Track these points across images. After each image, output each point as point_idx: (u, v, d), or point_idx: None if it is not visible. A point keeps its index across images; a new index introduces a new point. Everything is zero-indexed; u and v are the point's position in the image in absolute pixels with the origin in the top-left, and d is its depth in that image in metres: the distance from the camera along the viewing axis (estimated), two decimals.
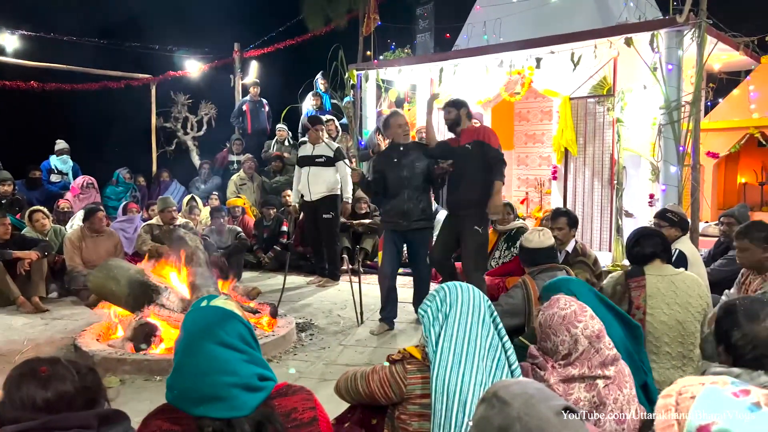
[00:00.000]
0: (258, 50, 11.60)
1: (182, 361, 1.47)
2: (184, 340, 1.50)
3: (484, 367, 2.00)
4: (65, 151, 9.14)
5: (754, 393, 1.07)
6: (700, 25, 6.16)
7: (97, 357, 3.96)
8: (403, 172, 4.83)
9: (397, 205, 4.84)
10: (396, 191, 4.85)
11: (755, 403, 1.04)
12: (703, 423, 1.05)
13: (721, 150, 7.48)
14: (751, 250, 3.36)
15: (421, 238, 4.96)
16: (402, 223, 4.84)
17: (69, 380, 1.45)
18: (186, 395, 1.44)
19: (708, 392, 1.09)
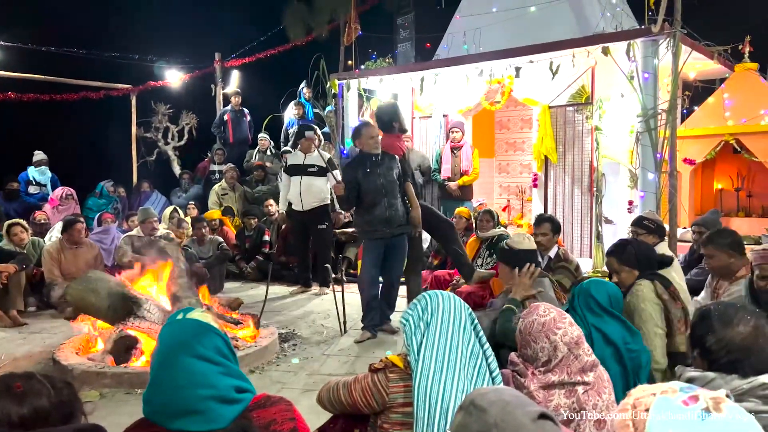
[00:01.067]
0: (239, 60, 11.59)
1: (158, 375, 1.46)
2: (160, 353, 1.49)
3: (465, 375, 2.01)
4: (44, 162, 9.03)
5: (702, 399, 1.10)
6: (675, 34, 6.28)
7: (76, 371, 3.91)
8: (380, 180, 4.90)
9: (380, 213, 4.90)
10: (375, 200, 4.90)
11: (705, 409, 1.08)
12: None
13: (698, 157, 7.61)
14: (717, 256, 3.46)
15: (401, 244, 5.10)
16: (386, 230, 4.93)
17: (45, 395, 1.43)
18: (163, 409, 1.43)
19: (660, 404, 1.12)
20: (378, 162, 4.96)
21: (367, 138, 4.98)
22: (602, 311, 2.65)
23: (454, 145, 7.93)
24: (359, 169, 4.95)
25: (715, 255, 3.46)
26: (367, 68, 9.29)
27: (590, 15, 7.96)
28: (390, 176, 4.97)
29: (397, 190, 5.00)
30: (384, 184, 4.91)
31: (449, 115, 8.65)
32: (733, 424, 1.07)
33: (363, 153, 5.04)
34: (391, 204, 4.94)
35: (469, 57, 8.07)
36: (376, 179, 4.90)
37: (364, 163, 4.96)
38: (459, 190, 7.84)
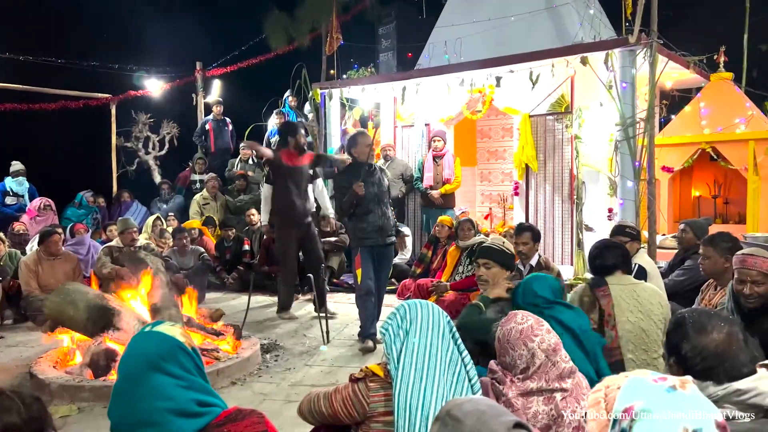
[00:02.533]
0: (221, 69, 11.56)
1: (119, 387, 1.49)
2: (121, 365, 1.52)
3: (445, 382, 2.02)
4: (21, 172, 8.90)
5: (670, 379, 1.22)
6: (652, 45, 6.39)
7: (54, 384, 3.85)
8: (374, 189, 5.02)
9: (374, 221, 5.00)
10: (369, 208, 5.00)
11: (672, 386, 1.20)
12: (627, 405, 1.19)
13: (676, 164, 7.73)
14: (713, 258, 3.45)
15: (389, 253, 5.23)
16: (379, 239, 5.03)
17: (15, 411, 1.39)
18: (123, 420, 1.46)
19: (631, 382, 1.24)
20: (371, 171, 5.08)
21: (363, 146, 5.10)
22: (551, 303, 2.75)
23: (436, 154, 7.97)
24: (354, 177, 5.02)
25: (712, 257, 3.46)
26: (349, 77, 9.32)
27: (569, 25, 8.07)
28: (381, 186, 5.12)
29: (387, 199, 5.16)
30: (377, 193, 5.04)
31: (431, 124, 8.70)
32: (695, 399, 1.19)
33: (357, 162, 5.12)
34: (384, 212, 5.07)
35: (450, 67, 8.13)
36: (370, 188, 5.00)
37: (358, 171, 5.04)
38: (441, 199, 7.88)
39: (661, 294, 3.17)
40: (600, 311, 3.06)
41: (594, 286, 3.15)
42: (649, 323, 2.99)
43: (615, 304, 3.03)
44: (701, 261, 3.58)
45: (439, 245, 6.85)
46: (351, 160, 5.22)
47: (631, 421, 1.18)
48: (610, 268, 3.17)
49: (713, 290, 3.61)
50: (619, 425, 1.19)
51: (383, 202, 5.08)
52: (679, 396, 1.18)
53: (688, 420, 1.14)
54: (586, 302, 3.13)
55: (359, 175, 4.98)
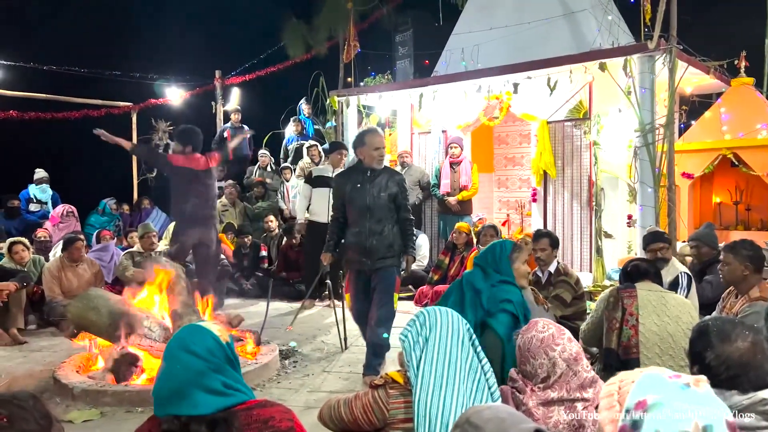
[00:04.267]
0: (239, 77, 11.68)
1: (160, 369, 1.67)
2: (164, 351, 1.70)
3: (464, 390, 2.02)
4: (44, 180, 9.07)
5: (685, 377, 1.25)
6: (671, 50, 6.35)
7: (77, 389, 3.90)
8: (366, 200, 4.14)
9: (359, 241, 4.14)
10: (356, 222, 4.18)
11: (686, 384, 1.23)
12: (641, 398, 1.22)
13: (696, 171, 7.64)
14: (733, 266, 3.41)
15: (386, 279, 4.19)
16: (365, 261, 4.17)
17: (31, 419, 1.41)
18: (158, 397, 1.62)
19: (646, 377, 1.28)
20: (372, 177, 4.18)
21: (371, 148, 4.18)
22: None
23: (453, 161, 7.97)
24: (349, 182, 4.24)
25: (732, 264, 3.42)
26: (367, 85, 9.37)
27: (586, 31, 8.04)
28: (381, 197, 4.14)
29: (387, 215, 4.18)
30: (370, 204, 4.13)
31: (448, 131, 8.71)
32: (708, 397, 1.22)
33: (360, 164, 4.29)
34: (373, 231, 4.11)
35: (467, 73, 8.14)
36: (364, 197, 4.13)
37: (356, 175, 4.24)
38: (458, 205, 7.87)
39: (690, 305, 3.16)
40: (622, 310, 3.06)
41: (621, 288, 3.18)
42: (676, 328, 2.97)
43: (641, 305, 3.03)
44: (721, 267, 3.55)
45: (456, 251, 6.85)
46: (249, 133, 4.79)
47: (644, 413, 1.20)
48: (642, 273, 3.20)
49: (734, 298, 3.57)
50: (630, 416, 1.22)
51: (376, 217, 4.13)
52: (692, 393, 1.21)
53: (699, 416, 1.16)
54: (611, 302, 3.15)
55: (355, 180, 4.20)
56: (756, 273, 3.37)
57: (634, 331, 2.97)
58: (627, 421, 1.23)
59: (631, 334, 2.98)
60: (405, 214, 4.30)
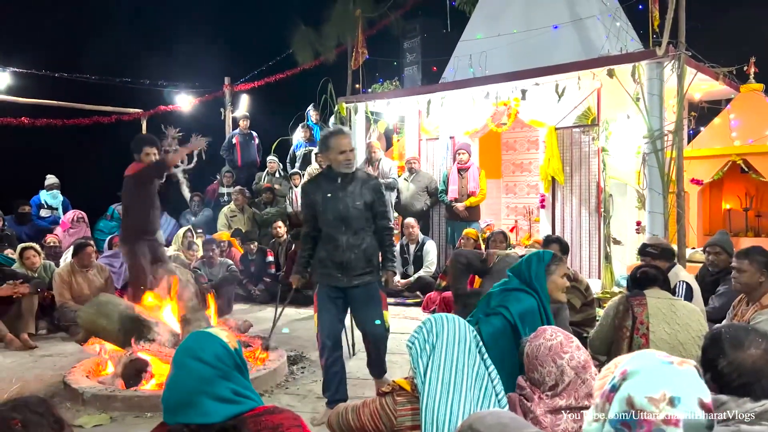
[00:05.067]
0: (248, 84, 11.77)
1: (169, 376, 1.66)
2: (173, 358, 1.71)
3: (471, 397, 2.02)
4: (55, 186, 9.15)
5: (674, 358, 1.34)
6: (680, 56, 6.33)
7: (87, 394, 3.93)
8: (340, 210, 3.70)
9: (335, 256, 3.72)
10: (331, 234, 3.74)
11: (670, 361, 1.32)
12: (624, 369, 1.32)
13: (705, 177, 7.61)
14: (750, 273, 3.38)
15: (366, 295, 3.80)
16: (341, 277, 3.73)
17: (45, 424, 1.42)
18: (167, 405, 1.62)
19: (639, 353, 1.38)
20: (343, 185, 3.74)
21: (336, 152, 3.70)
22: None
23: (461, 167, 7.98)
24: (319, 191, 3.79)
25: (747, 271, 3.39)
26: (374, 91, 9.40)
27: (594, 37, 8.03)
28: (357, 205, 3.72)
29: (365, 225, 3.78)
30: (345, 215, 3.70)
31: (456, 137, 8.71)
32: (686, 374, 1.29)
33: (329, 171, 3.82)
34: (351, 244, 3.71)
35: (475, 80, 8.15)
36: (337, 207, 3.70)
37: (326, 183, 3.79)
38: (466, 211, 7.86)
39: (699, 313, 3.14)
40: (633, 318, 3.05)
41: (630, 296, 3.16)
42: (687, 336, 2.95)
43: (651, 313, 3.01)
44: (734, 275, 3.50)
45: None
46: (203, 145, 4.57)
47: (622, 380, 1.29)
48: (651, 280, 3.17)
49: (745, 305, 3.54)
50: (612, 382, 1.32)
51: (353, 228, 3.71)
52: (672, 369, 1.29)
53: (670, 387, 1.23)
54: (621, 310, 3.13)
55: (326, 189, 3.75)
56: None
57: (645, 339, 2.95)
58: (608, 386, 1.32)
59: (641, 343, 2.97)
60: (383, 223, 3.89)
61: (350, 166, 3.73)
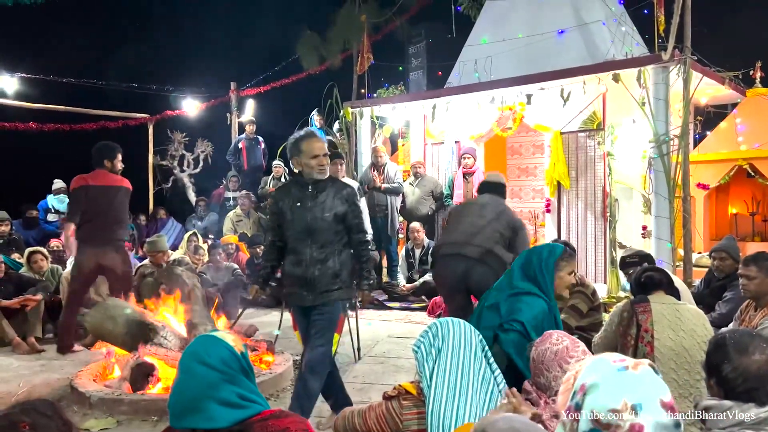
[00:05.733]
0: (254, 89, 11.82)
1: (175, 381, 1.66)
2: (179, 362, 1.70)
3: (477, 401, 2.02)
4: (62, 190, 9.20)
5: (628, 361, 1.36)
6: (685, 61, 6.33)
7: (93, 398, 3.94)
8: (307, 221, 3.37)
9: (299, 271, 3.40)
10: (295, 250, 3.42)
11: (624, 366, 1.34)
12: (582, 382, 1.34)
13: (711, 181, 7.59)
14: (759, 279, 3.35)
15: (326, 315, 3.41)
16: (306, 296, 3.40)
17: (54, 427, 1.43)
18: (173, 410, 1.62)
19: (594, 361, 1.40)
20: (314, 193, 3.42)
21: (308, 156, 3.41)
22: None
23: (466, 171, 7.98)
24: (287, 198, 3.46)
25: (757, 277, 3.36)
26: (380, 96, 9.43)
27: (600, 42, 8.04)
28: (325, 218, 3.38)
29: (333, 239, 3.42)
30: (312, 227, 3.37)
31: (461, 142, 8.73)
32: (639, 377, 1.31)
33: (300, 177, 3.52)
34: (316, 259, 3.37)
35: (480, 84, 8.17)
36: (304, 217, 3.38)
37: (296, 190, 3.48)
38: None
39: (705, 317, 3.12)
40: (637, 326, 3.03)
41: (635, 302, 3.13)
42: (692, 342, 2.93)
43: (655, 320, 2.99)
44: (743, 282, 3.47)
45: None
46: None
47: (583, 396, 1.31)
48: (656, 284, 3.15)
49: (753, 311, 3.52)
50: (575, 399, 1.34)
51: (321, 241, 3.37)
52: (628, 375, 1.31)
53: (630, 395, 1.25)
54: (625, 317, 3.11)
55: (294, 196, 3.44)
56: None
57: (650, 348, 2.93)
58: (572, 404, 1.34)
59: (646, 351, 2.95)
60: (358, 237, 3.53)
61: (323, 171, 3.43)
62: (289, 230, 3.43)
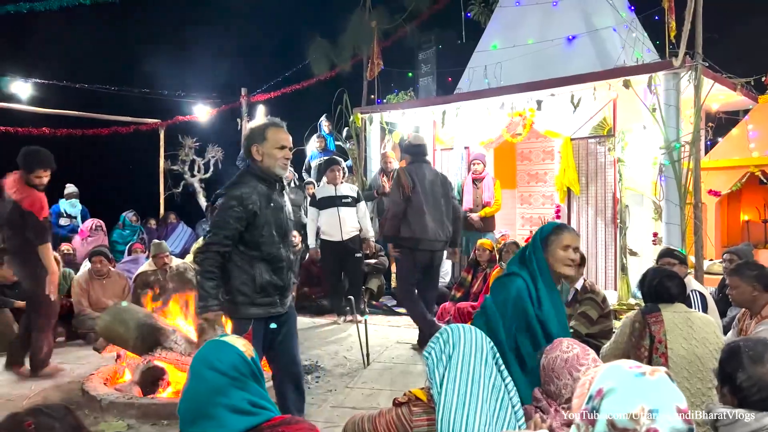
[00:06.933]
0: (264, 94, 11.88)
1: (185, 387, 1.67)
2: (190, 367, 1.70)
3: (488, 408, 2.02)
4: (74, 195, 9.29)
5: (644, 367, 1.38)
6: (697, 67, 6.30)
7: (104, 401, 3.97)
8: (282, 220, 3.13)
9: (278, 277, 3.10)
10: (273, 255, 3.07)
11: (641, 373, 1.35)
12: (599, 387, 1.36)
13: (723, 188, 7.54)
14: (741, 288, 3.38)
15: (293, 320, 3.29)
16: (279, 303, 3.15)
17: (58, 428, 1.44)
18: (184, 416, 1.62)
19: (610, 367, 1.42)
20: (281, 191, 3.20)
21: (274, 146, 3.08)
22: None
23: (475, 177, 7.97)
24: (259, 198, 3.02)
25: (739, 286, 3.39)
26: (389, 102, 9.44)
27: (610, 48, 8.02)
28: (291, 216, 3.25)
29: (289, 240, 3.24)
30: (286, 226, 3.16)
31: (470, 147, 8.72)
32: (656, 384, 1.32)
33: (266, 172, 3.09)
34: (291, 262, 3.20)
35: (490, 90, 8.17)
36: (279, 216, 3.11)
37: (266, 187, 3.08)
38: (481, 222, 7.85)
39: (715, 324, 3.10)
40: (651, 337, 3.00)
41: (646, 313, 3.09)
42: (704, 350, 2.91)
43: (668, 330, 2.97)
44: (729, 292, 3.52)
45: (479, 269, 6.82)
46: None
47: (600, 400, 1.33)
48: (673, 297, 3.10)
49: (749, 319, 3.52)
50: (591, 403, 1.36)
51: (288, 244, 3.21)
52: (645, 381, 1.33)
53: (647, 401, 1.27)
54: (638, 328, 3.07)
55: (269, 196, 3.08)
56: (765, 292, 3.33)
57: (664, 359, 2.91)
58: (588, 407, 1.36)
59: (661, 362, 2.92)
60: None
61: (286, 167, 3.13)
62: (264, 233, 3.01)
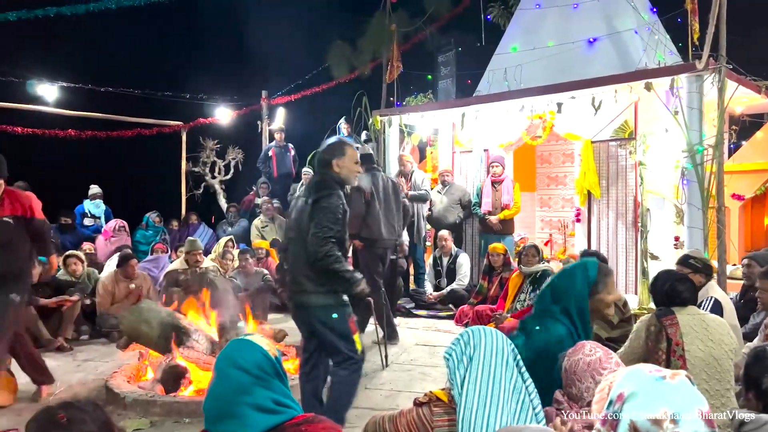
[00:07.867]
0: (285, 97, 11.99)
1: (210, 385, 1.69)
2: (215, 365, 1.72)
3: (509, 410, 2.02)
4: (98, 195, 9.45)
5: (664, 371, 1.38)
6: (720, 70, 6.22)
7: (128, 398, 4.04)
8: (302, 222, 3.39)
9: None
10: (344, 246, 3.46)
11: (662, 377, 1.35)
12: (620, 391, 1.37)
13: (747, 192, 7.44)
14: None
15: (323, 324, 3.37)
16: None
17: (89, 421, 1.48)
18: (209, 414, 1.64)
19: (630, 371, 1.42)
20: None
21: (352, 161, 3.50)
22: None
23: (494, 180, 7.96)
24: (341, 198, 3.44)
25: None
26: (408, 104, 9.46)
27: (632, 50, 7.96)
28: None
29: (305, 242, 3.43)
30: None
31: (490, 150, 8.70)
32: (677, 387, 1.32)
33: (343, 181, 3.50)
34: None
35: (510, 93, 8.14)
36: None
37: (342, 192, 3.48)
38: (500, 224, 7.83)
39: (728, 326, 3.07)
40: (668, 340, 2.98)
41: (660, 316, 3.07)
42: (721, 352, 2.89)
43: (684, 332, 2.95)
44: (759, 294, 3.47)
45: (494, 273, 6.82)
46: None
47: (622, 404, 1.33)
48: (685, 301, 3.08)
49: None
50: (612, 407, 1.36)
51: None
52: (666, 385, 1.32)
53: (669, 405, 1.27)
54: (653, 332, 3.05)
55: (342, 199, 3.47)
56: None
57: (683, 361, 2.89)
58: (609, 411, 1.36)
59: (679, 365, 2.90)
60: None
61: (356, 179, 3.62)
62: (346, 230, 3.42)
